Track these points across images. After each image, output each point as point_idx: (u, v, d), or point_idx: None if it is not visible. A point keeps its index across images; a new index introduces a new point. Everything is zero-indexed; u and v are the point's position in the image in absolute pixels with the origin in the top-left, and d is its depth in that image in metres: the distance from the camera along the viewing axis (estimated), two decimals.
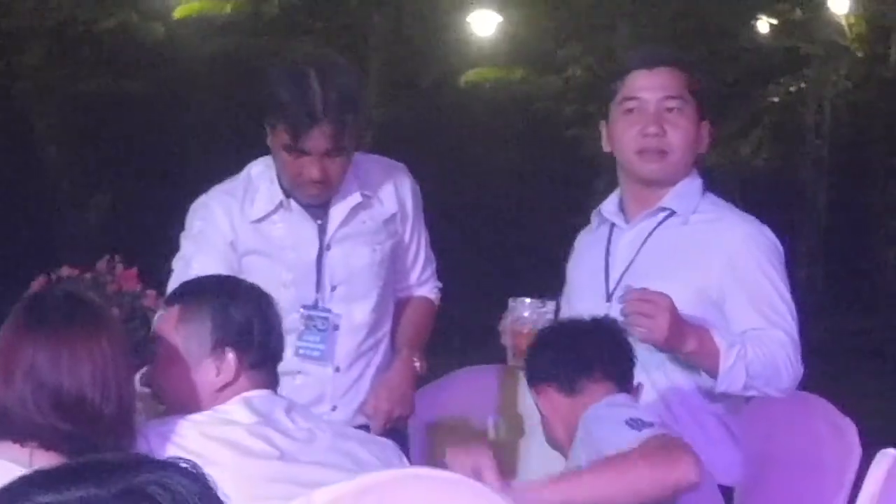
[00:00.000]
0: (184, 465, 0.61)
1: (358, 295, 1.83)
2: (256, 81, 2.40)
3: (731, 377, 1.61)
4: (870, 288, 7.29)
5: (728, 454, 1.73)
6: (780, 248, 1.78)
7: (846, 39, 6.91)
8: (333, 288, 1.83)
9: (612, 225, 1.79)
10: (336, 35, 6.48)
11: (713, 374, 1.62)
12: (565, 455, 1.55)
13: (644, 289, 1.58)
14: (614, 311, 1.67)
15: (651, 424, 1.37)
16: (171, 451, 1.31)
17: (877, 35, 7.14)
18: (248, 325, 1.40)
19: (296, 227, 1.83)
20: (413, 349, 1.88)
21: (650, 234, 1.76)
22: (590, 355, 1.52)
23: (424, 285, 1.98)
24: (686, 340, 1.57)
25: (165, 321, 1.46)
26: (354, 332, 1.77)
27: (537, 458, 1.83)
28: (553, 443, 1.57)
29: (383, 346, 1.89)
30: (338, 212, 1.83)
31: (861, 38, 6.94)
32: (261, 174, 1.85)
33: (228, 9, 6.15)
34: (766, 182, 6.98)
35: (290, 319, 1.69)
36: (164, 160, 6.49)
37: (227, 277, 1.57)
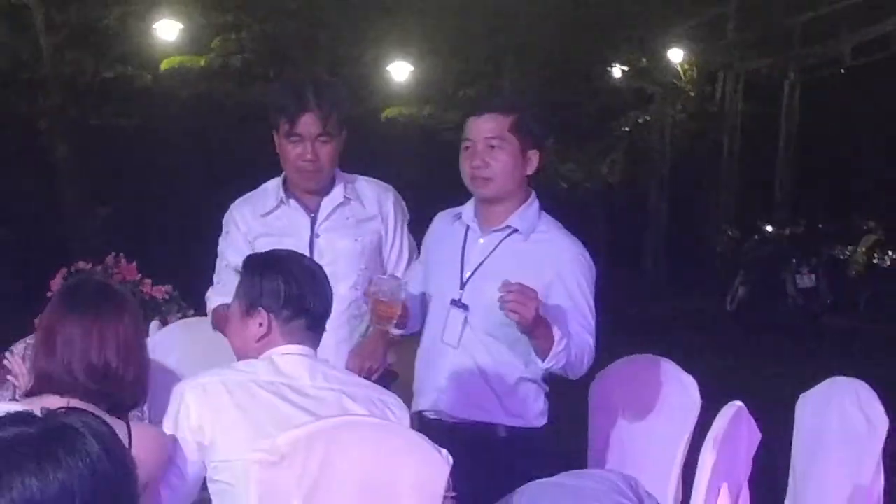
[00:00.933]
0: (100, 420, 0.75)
1: (341, 274, 2.03)
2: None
3: (556, 359, 1.88)
4: (703, 276, 8.44)
5: (539, 404, 2.04)
6: (594, 268, 2.04)
7: (682, 82, 8.36)
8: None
9: (468, 227, 2.08)
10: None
11: (544, 354, 1.87)
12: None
13: (519, 283, 1.79)
14: (466, 297, 1.99)
15: None
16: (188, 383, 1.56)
17: (705, 78, 8.66)
18: (275, 290, 1.56)
19: (293, 219, 2.16)
20: None
21: (498, 244, 2.02)
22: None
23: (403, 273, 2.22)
24: (540, 325, 1.83)
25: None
26: (339, 302, 1.83)
27: None
28: None
29: (366, 319, 2.10)
30: (325, 209, 2.15)
31: (692, 81, 8.37)
32: (270, 184, 2.22)
33: (202, 62, 7.67)
34: (621, 194, 8.46)
35: None
36: (152, 179, 7.79)
37: (268, 255, 1.72)
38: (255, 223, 2.17)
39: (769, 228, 7.05)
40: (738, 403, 1.79)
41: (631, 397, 2.25)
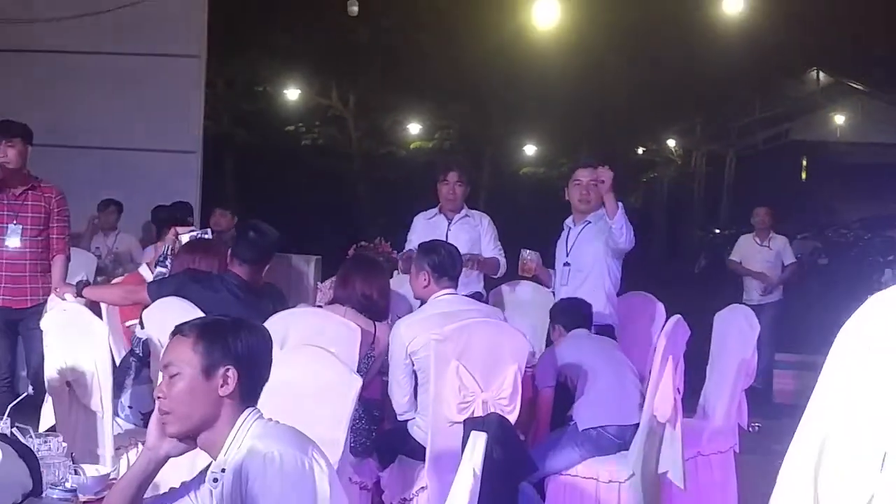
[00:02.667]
0: None
1: (463, 251, 3.59)
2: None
3: (619, 220, 3.54)
4: (681, 255, 16.23)
5: (610, 302, 3.73)
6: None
7: (674, 156, 16.28)
8: None
9: (569, 227, 3.86)
10: None
11: (612, 214, 3.55)
12: None
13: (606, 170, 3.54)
14: (570, 258, 3.81)
15: None
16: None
17: (686, 154, 16.65)
18: (433, 260, 3.11)
19: (440, 222, 4.14)
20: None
21: (582, 229, 3.80)
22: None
23: (492, 253, 4.14)
24: (610, 192, 3.55)
25: None
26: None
27: None
28: None
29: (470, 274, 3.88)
30: (456, 219, 4.16)
31: (679, 156, 16.25)
32: (433, 208, 4.24)
33: (430, 144, 15.34)
34: (639, 212, 16.09)
35: None
36: (405, 206, 15.31)
37: (431, 242, 3.36)
38: (423, 225, 4.22)
39: (717, 230, 14.55)
40: (679, 315, 3.20)
41: (630, 315, 3.94)
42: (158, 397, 1.70)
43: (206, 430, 1.68)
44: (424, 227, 4.17)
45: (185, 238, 3.58)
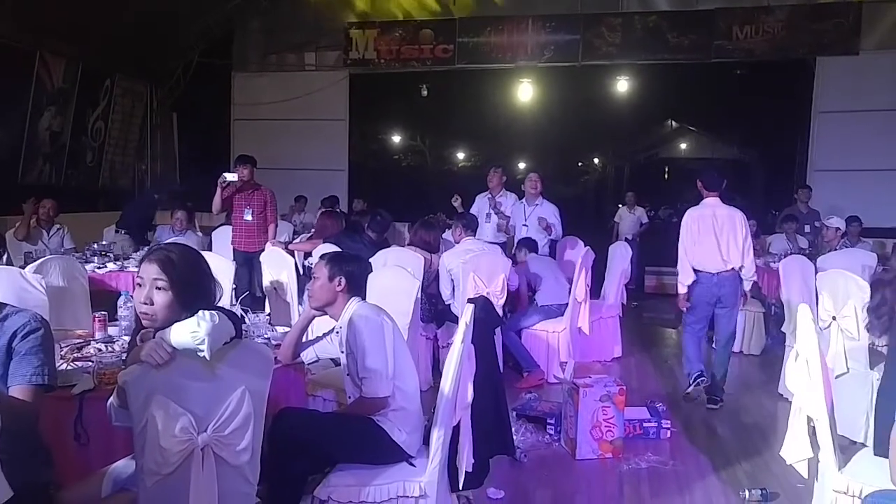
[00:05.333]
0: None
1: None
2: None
3: (557, 232, 6.72)
4: None
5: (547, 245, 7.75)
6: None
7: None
8: None
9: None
10: None
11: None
12: None
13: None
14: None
15: None
16: None
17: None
18: (468, 218, 5.85)
19: (487, 199, 7.23)
20: None
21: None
22: None
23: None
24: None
25: None
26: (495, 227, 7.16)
27: None
28: None
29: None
30: (498, 196, 7.21)
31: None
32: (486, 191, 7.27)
33: (469, 164, 18.23)
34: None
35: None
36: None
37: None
38: (480, 199, 7.25)
39: (619, 205, 17.94)
40: (588, 248, 5.87)
41: (564, 253, 6.90)
42: (308, 288, 3.06)
43: (330, 306, 2.97)
44: (479, 201, 7.13)
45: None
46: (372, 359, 2.76)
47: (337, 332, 3.01)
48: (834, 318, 4.07)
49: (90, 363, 2.91)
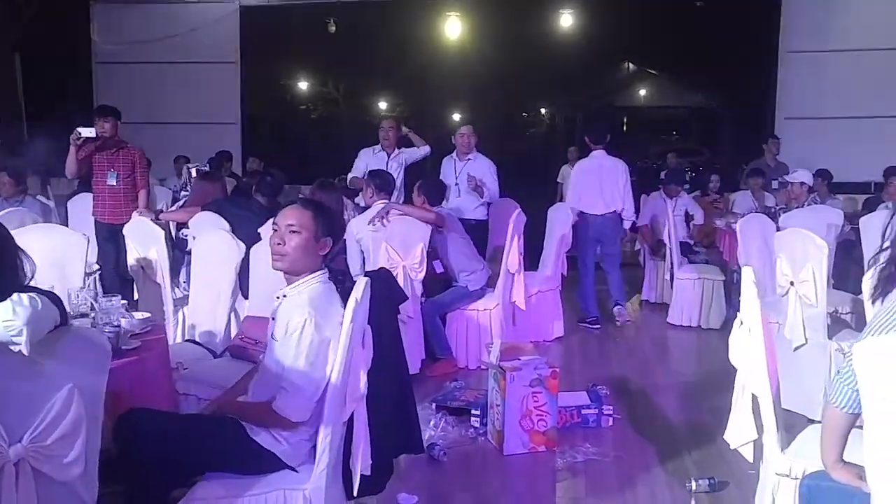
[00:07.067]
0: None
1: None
2: None
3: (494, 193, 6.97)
4: None
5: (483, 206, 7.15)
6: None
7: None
8: None
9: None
10: None
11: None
12: None
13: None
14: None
15: None
16: None
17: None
18: None
19: (382, 156, 7.20)
20: None
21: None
22: None
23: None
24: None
25: None
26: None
27: None
28: None
29: None
30: (393, 154, 7.15)
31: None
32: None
33: (393, 114, 17.95)
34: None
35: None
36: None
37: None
38: (371, 155, 7.31)
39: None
40: (519, 209, 6.02)
41: (498, 211, 6.87)
42: (277, 244, 2.73)
43: (296, 270, 2.75)
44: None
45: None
46: (303, 373, 2.62)
47: (278, 299, 2.80)
48: (792, 283, 4.18)
49: None
